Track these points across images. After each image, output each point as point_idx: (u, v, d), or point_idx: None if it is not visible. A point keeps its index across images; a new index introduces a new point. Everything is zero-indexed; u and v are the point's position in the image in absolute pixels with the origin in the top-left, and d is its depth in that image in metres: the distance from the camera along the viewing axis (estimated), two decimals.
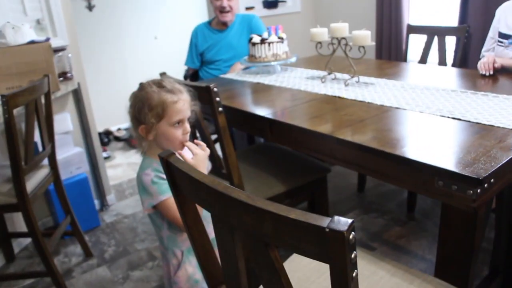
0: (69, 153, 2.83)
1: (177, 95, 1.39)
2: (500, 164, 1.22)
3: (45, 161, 2.35)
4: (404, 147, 1.38)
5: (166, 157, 1.00)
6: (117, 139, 4.59)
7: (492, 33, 2.44)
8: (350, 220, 0.65)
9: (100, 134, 4.52)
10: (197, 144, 1.41)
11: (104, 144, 4.39)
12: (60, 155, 2.68)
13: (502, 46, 2.34)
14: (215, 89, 1.64)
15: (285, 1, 4.07)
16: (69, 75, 2.81)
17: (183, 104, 1.40)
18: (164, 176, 1.29)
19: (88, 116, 3.01)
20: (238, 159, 1.87)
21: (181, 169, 0.95)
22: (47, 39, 2.51)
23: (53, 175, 2.39)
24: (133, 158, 4.10)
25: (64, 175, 2.69)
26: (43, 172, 2.33)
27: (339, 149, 1.55)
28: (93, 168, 3.08)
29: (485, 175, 1.16)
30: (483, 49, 2.51)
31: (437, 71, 2.48)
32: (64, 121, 2.84)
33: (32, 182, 2.19)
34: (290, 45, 2.57)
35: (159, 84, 1.41)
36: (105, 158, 4.03)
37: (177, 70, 4.36)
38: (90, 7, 4.38)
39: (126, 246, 2.66)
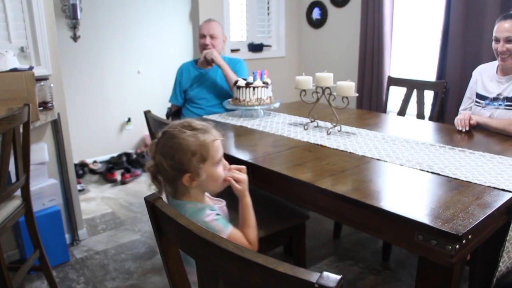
0: (43, 184, 2.77)
1: (212, 133, 1.36)
2: (478, 221, 1.25)
3: (18, 192, 2.29)
4: (385, 199, 1.40)
5: (153, 201, 1.00)
6: (92, 171, 4.51)
7: (469, 93, 2.54)
8: (338, 277, 0.65)
9: (75, 165, 4.45)
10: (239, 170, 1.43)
11: (78, 176, 4.31)
12: (33, 186, 2.62)
13: (480, 106, 2.44)
14: None
15: (270, 46, 4.16)
16: (49, 105, 2.77)
17: (219, 141, 1.37)
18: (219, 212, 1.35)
19: (65, 147, 2.97)
20: None
21: (168, 215, 0.94)
22: (31, 68, 2.50)
23: (25, 207, 2.32)
24: (108, 192, 4.03)
25: (36, 206, 2.61)
26: (15, 203, 2.26)
27: (320, 198, 1.56)
28: (67, 201, 3.01)
29: (463, 231, 1.19)
30: (460, 108, 2.60)
31: (416, 124, 2.55)
32: (41, 152, 2.78)
33: (2, 214, 2.11)
34: (274, 89, 2.61)
35: (190, 126, 1.34)
36: (79, 190, 3.95)
37: (159, 106, 4.39)
38: (75, 38, 4.39)
39: (95, 283, 2.57)
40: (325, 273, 0.66)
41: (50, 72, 2.83)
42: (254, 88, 2.43)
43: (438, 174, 1.63)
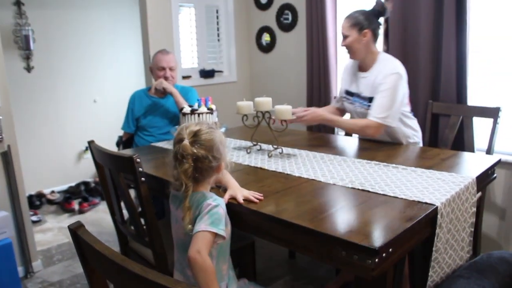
0: None
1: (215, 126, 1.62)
2: (396, 235, 1.33)
3: None
4: (313, 218, 1.47)
5: (75, 229, 1.05)
6: (50, 202, 4.47)
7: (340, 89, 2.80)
8: None
9: (32, 196, 4.41)
10: None
11: (35, 207, 4.27)
12: None
13: (348, 102, 2.68)
14: (138, 160, 1.71)
15: (221, 71, 4.26)
16: None
17: None
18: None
19: (17, 179, 2.96)
20: (166, 228, 1.91)
21: (87, 242, 1.00)
22: None
23: None
24: (65, 222, 4.00)
25: None
26: None
27: (253, 220, 1.63)
28: (19, 232, 2.99)
29: (380, 245, 1.27)
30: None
31: (359, 143, 2.63)
32: None
33: None
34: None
35: (208, 125, 1.58)
36: (36, 221, 3.92)
37: (116, 133, 4.40)
38: (28, 69, 4.39)
39: None
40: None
41: None
42: (198, 114, 2.50)
43: (368, 191, 1.73)
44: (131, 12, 4.84)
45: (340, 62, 3.69)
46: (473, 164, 2.12)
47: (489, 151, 2.66)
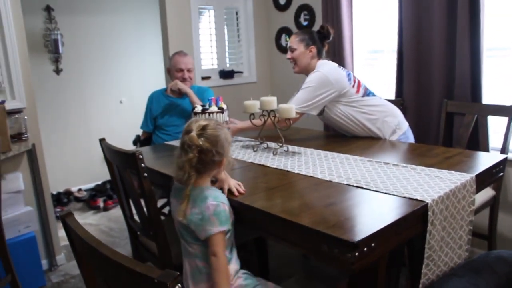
0: (19, 212, 2.90)
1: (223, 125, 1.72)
2: (378, 230, 1.36)
3: None
4: (300, 212, 1.51)
5: (64, 217, 1.13)
6: (77, 199, 4.65)
7: None
8: (177, 273, 0.78)
9: (60, 194, 4.60)
10: None
11: (63, 204, 4.45)
12: (9, 214, 2.76)
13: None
14: (140, 156, 1.78)
15: (241, 72, 4.33)
16: (24, 136, 2.94)
17: None
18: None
19: (42, 176, 3.11)
20: (171, 223, 1.97)
21: (73, 229, 1.08)
22: (2, 102, 2.67)
23: None
24: (90, 218, 4.16)
25: (12, 233, 2.75)
26: None
27: (245, 214, 1.67)
28: (44, 228, 3.14)
29: (360, 239, 1.29)
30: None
31: (368, 142, 2.61)
32: (16, 180, 2.93)
33: None
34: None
35: (215, 121, 1.67)
36: None
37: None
38: (57, 71, 4.58)
39: None
40: (167, 270, 0.79)
41: (24, 105, 2.99)
42: (209, 114, 2.57)
43: (362, 187, 1.75)
44: (155, 17, 4.96)
45: (356, 60, 3.69)
46: (477, 162, 2.11)
47: (504, 149, 2.63)
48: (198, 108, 2.61)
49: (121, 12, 4.97)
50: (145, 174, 1.82)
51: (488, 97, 2.87)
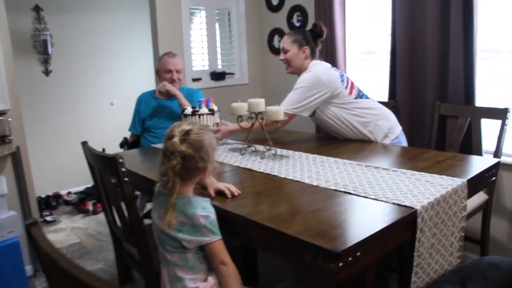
0: (2, 216, 2.81)
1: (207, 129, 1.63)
2: (363, 239, 1.30)
3: None
4: (284, 220, 1.45)
5: (29, 227, 1.07)
6: (66, 203, 4.57)
7: None
8: None
9: (49, 197, 4.52)
10: None
11: (52, 207, 4.37)
12: None
13: None
14: (121, 160, 1.73)
15: (233, 73, 4.27)
16: (7, 139, 2.86)
17: None
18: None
19: (26, 179, 3.04)
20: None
21: (39, 241, 1.02)
22: None
23: None
24: (78, 222, 4.09)
25: None
26: None
27: (230, 220, 1.61)
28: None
29: (343, 249, 1.23)
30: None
31: (360, 145, 2.56)
32: None
33: None
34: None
35: (202, 127, 1.60)
36: (50, 221, 4.02)
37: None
38: (47, 72, 4.51)
39: None
40: None
41: (8, 107, 2.91)
42: (199, 115, 2.52)
43: (350, 193, 1.70)
44: (146, 17, 4.91)
45: (349, 62, 3.65)
46: (469, 166, 2.06)
47: (497, 153, 2.58)
48: (188, 110, 2.56)
49: (112, 11, 4.89)
50: (126, 178, 1.76)
51: (482, 100, 2.83)
